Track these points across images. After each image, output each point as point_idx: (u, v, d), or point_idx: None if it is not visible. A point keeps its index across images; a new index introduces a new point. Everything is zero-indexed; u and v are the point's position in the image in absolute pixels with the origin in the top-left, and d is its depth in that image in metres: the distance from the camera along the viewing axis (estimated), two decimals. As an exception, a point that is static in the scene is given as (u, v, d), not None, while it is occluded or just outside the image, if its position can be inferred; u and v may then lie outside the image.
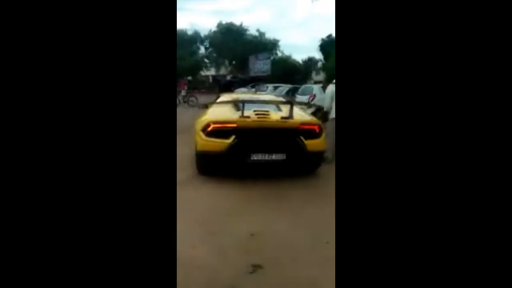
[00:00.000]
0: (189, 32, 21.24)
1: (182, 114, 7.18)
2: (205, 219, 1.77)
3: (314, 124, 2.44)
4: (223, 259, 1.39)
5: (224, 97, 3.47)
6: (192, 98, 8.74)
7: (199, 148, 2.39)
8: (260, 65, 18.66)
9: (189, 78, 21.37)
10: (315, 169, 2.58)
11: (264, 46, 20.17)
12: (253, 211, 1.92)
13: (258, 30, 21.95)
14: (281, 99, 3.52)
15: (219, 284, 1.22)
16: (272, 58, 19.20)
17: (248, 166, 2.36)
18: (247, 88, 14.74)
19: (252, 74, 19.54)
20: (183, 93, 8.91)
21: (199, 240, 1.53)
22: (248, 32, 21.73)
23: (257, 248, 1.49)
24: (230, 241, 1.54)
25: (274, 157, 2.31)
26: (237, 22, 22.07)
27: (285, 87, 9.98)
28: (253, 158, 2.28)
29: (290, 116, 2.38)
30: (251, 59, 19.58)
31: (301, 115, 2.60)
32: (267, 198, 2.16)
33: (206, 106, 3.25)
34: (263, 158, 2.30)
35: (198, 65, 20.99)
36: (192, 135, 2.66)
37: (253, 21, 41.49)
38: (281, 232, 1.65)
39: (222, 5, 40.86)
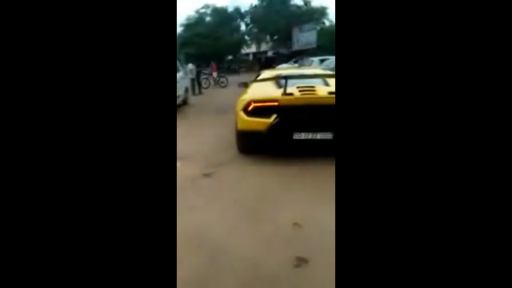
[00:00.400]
0: (230, 9, 20.63)
1: (217, 95, 7.59)
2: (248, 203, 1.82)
3: None
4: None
5: (264, 74, 3.32)
6: (223, 79, 9.26)
7: (240, 127, 2.36)
8: (304, 37, 17.25)
9: (230, 57, 21.32)
10: None
11: (310, 15, 18.18)
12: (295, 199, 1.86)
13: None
14: (328, 72, 3.25)
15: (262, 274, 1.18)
16: (318, 28, 17.26)
17: (291, 145, 2.24)
18: (290, 63, 13.89)
19: (296, 47, 18.22)
20: (214, 75, 9.40)
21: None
22: (292, 2, 19.91)
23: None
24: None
25: (319, 136, 2.12)
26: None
27: (333, 60, 8.85)
28: (295, 138, 2.13)
29: None
30: (295, 31, 18.16)
31: None
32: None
33: (245, 85, 3.13)
34: (306, 137, 2.13)
35: (239, 43, 20.51)
36: (232, 115, 2.76)
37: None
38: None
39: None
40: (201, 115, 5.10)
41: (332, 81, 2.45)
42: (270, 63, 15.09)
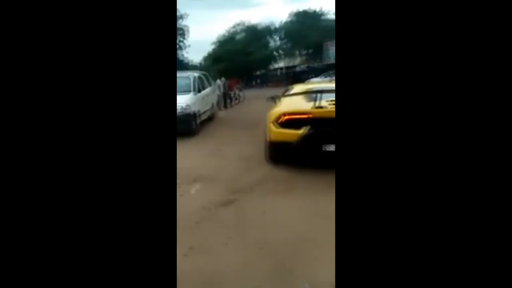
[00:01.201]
0: (260, 26, 21.26)
1: (245, 110, 7.49)
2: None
3: None
4: None
5: (294, 89, 3.41)
6: (241, 93, 9.48)
7: (271, 138, 2.45)
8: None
9: (259, 72, 21.74)
10: None
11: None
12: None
13: (337, 12, 19.33)
14: None
15: None
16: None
17: (321, 157, 2.30)
18: (321, 77, 13.45)
19: (327, 61, 17.73)
20: (236, 90, 9.49)
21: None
22: (325, 17, 19.63)
23: None
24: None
25: None
26: (315, 7, 20.16)
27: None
28: (325, 149, 2.21)
29: None
30: (326, 45, 17.78)
31: None
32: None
33: (274, 100, 3.28)
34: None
35: (268, 59, 20.84)
36: (257, 130, 3.03)
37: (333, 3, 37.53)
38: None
39: (295, -7, 39.28)
40: (228, 131, 4.94)
41: None
42: (299, 77, 14.97)
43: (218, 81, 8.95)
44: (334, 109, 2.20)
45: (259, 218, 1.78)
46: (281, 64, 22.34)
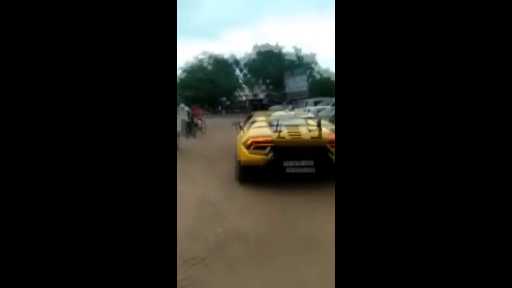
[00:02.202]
0: (225, 56, 22.16)
1: (210, 137, 7.18)
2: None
3: None
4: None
5: (255, 115, 4.12)
6: (200, 122, 8.77)
7: (242, 159, 2.94)
8: (296, 82, 18.07)
9: (223, 99, 21.97)
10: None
11: (300, 61, 19.60)
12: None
13: (294, 47, 21.68)
14: (307, 115, 4.29)
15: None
16: (308, 72, 18.35)
17: (283, 173, 2.79)
18: (282, 105, 14.10)
19: (287, 91, 19.01)
20: (200, 118, 8.89)
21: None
22: (284, 51, 21.70)
23: None
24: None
25: (305, 170, 2.76)
26: (273, 42, 22.17)
27: (327, 102, 8.71)
28: (285, 165, 2.75)
29: (319, 136, 2.83)
30: (286, 76, 19.29)
31: (329, 132, 2.94)
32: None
33: (239, 124, 4.09)
34: (294, 165, 2.76)
35: (233, 87, 21.43)
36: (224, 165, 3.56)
37: (290, 39, 42.00)
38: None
39: (256, 28, 43.11)
40: (189, 164, 4.37)
41: (310, 122, 3.38)
42: (262, 105, 15.84)
43: (182, 105, 8.33)
44: (293, 137, 2.86)
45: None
46: (244, 92, 23.16)
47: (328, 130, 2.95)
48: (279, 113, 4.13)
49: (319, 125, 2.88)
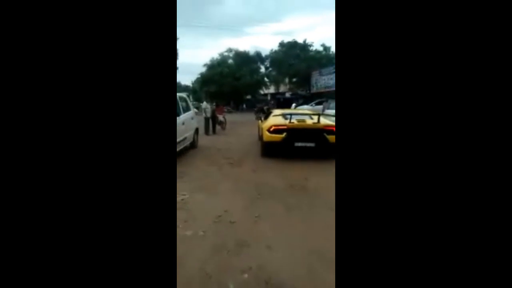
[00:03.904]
0: (250, 53, 21.62)
1: (231, 135, 7.00)
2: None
3: (332, 126, 3.95)
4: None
5: (274, 112, 5.37)
6: (222, 118, 8.53)
7: (265, 139, 4.20)
8: (324, 80, 17.06)
9: (248, 96, 21.58)
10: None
11: (329, 60, 18.33)
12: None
13: (323, 45, 20.37)
14: (312, 112, 5.67)
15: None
16: (337, 72, 17.10)
17: (293, 150, 4.06)
18: (311, 105, 13.38)
19: (314, 90, 18.05)
20: (220, 118, 8.52)
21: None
22: (312, 48, 20.53)
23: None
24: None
25: (308, 144, 3.99)
26: (300, 40, 21.03)
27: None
28: (296, 145, 4.00)
29: (318, 121, 4.18)
30: (314, 74, 18.26)
31: (326, 121, 4.25)
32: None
33: (259, 117, 5.76)
34: (301, 145, 4.01)
35: (257, 84, 20.86)
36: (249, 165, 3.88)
37: (318, 38, 40.59)
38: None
39: (283, 25, 42.10)
40: (209, 165, 3.95)
41: (313, 116, 4.61)
42: (288, 104, 15.10)
43: (205, 103, 8.10)
44: (299, 123, 4.10)
45: None
46: (269, 90, 22.50)
47: (325, 120, 4.30)
48: (289, 110, 5.75)
49: (318, 116, 4.31)
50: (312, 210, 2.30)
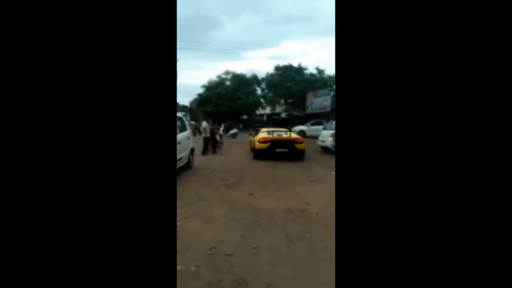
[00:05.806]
0: (247, 75, 22.35)
1: (228, 154, 7.05)
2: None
3: (299, 138, 6.68)
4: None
5: (262, 130, 7.64)
6: (219, 139, 8.63)
7: (256, 147, 6.57)
8: (319, 102, 17.48)
9: (245, 117, 21.87)
10: (302, 157, 6.44)
11: (323, 82, 19.01)
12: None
13: (317, 68, 21.25)
14: (287, 130, 7.87)
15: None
16: (332, 93, 17.68)
17: (275, 154, 6.33)
18: (307, 125, 13.54)
19: (309, 111, 18.42)
20: (217, 137, 8.47)
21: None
22: (306, 71, 21.35)
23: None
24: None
25: (283, 150, 6.36)
26: (295, 64, 22.00)
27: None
28: (277, 151, 6.34)
29: (290, 136, 6.75)
30: (309, 96, 18.74)
31: (294, 135, 7.00)
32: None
33: (252, 134, 7.98)
34: (279, 149, 6.35)
35: (254, 105, 21.26)
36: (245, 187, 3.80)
37: (312, 62, 42.72)
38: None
39: (279, 50, 44.34)
40: (203, 188, 3.75)
41: (288, 132, 7.31)
42: (284, 124, 15.39)
43: (204, 123, 7.99)
44: (278, 137, 6.62)
45: None
46: (265, 110, 22.90)
47: (293, 134, 6.92)
48: (272, 129, 7.82)
49: (290, 132, 7.13)
50: (314, 238, 2.11)
